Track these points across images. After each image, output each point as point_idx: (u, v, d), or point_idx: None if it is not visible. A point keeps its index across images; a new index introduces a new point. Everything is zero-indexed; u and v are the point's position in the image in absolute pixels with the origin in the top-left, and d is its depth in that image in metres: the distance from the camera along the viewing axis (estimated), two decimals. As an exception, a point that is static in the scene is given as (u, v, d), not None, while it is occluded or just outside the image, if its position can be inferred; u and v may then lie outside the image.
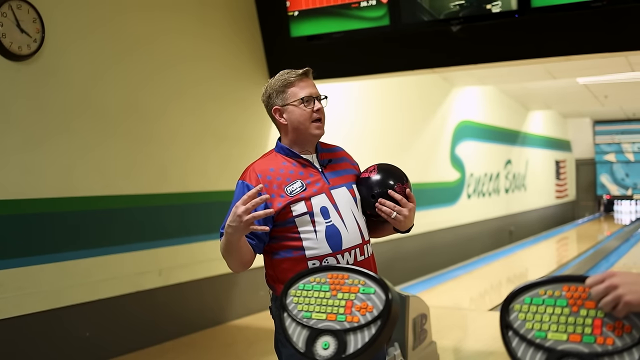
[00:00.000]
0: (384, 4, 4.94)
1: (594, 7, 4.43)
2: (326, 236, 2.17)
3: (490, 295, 7.90)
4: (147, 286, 5.00)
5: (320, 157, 2.33)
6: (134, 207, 4.92)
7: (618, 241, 12.07)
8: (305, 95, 2.25)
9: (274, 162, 2.28)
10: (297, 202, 2.18)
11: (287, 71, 2.30)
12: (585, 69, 9.08)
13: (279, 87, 2.28)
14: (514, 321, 1.37)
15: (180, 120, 5.31)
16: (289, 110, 2.27)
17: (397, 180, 2.26)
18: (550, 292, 1.36)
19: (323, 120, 2.30)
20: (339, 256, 2.18)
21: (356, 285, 1.56)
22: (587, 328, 1.31)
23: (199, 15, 5.55)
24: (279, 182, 2.22)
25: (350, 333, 1.50)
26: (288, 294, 1.62)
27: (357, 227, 2.25)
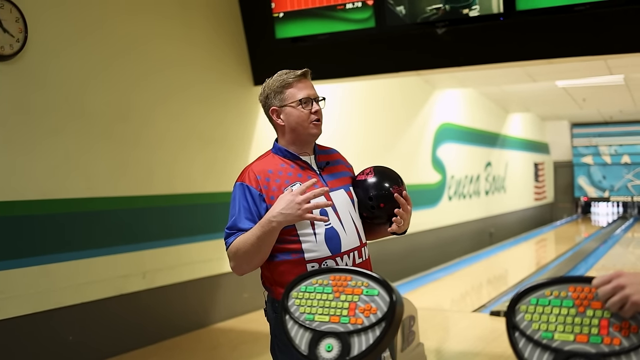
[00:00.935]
0: (369, 6, 4.95)
1: (577, 11, 4.48)
2: (325, 239, 2.16)
3: (472, 296, 7.95)
4: (132, 289, 4.96)
5: (318, 159, 2.31)
6: (119, 209, 4.87)
7: (596, 243, 12.20)
8: (303, 97, 2.23)
9: (272, 163, 2.26)
10: None
11: (285, 72, 2.28)
12: (564, 72, 9.17)
13: (276, 88, 2.26)
14: (521, 322, 1.37)
15: (165, 123, 5.27)
16: (287, 111, 2.25)
17: (393, 182, 2.26)
18: (557, 292, 1.37)
19: (321, 121, 2.28)
20: (338, 259, 2.17)
21: (359, 287, 1.55)
22: (594, 328, 1.31)
23: (182, 19, 5.52)
24: (277, 184, 2.19)
25: (354, 335, 1.50)
26: (290, 296, 1.61)
27: (355, 229, 2.24)
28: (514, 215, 14.51)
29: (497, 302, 6.81)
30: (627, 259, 10.72)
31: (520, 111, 15.12)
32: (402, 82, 8.75)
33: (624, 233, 14.14)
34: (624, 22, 4.57)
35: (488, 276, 9.48)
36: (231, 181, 6.65)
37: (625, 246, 12.29)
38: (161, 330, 5.19)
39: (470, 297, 7.91)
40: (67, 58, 4.49)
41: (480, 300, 7.46)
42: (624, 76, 9.92)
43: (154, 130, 5.18)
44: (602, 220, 17.50)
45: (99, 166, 4.70)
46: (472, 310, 6.43)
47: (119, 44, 4.90)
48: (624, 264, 9.99)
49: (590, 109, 14.57)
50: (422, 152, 9.75)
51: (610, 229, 15.00)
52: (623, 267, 9.38)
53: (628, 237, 13.60)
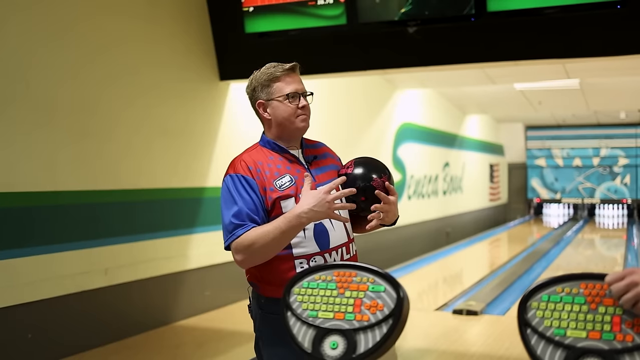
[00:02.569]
0: (341, 3, 4.93)
1: (547, 14, 4.55)
2: (314, 235, 2.13)
3: (429, 295, 8.00)
4: (92, 286, 4.84)
5: (305, 153, 2.28)
6: (81, 203, 4.74)
7: (548, 244, 12.44)
8: (290, 92, 2.20)
9: (260, 155, 2.22)
10: (286, 199, 2.12)
11: (273, 65, 2.24)
12: (524, 75, 9.31)
13: (264, 81, 2.22)
14: (532, 319, 1.36)
15: (130, 118, 5.16)
16: (274, 105, 2.21)
17: (376, 173, 2.22)
18: (568, 289, 1.36)
19: (309, 115, 2.25)
20: (327, 255, 2.14)
21: (365, 283, 1.52)
22: (606, 325, 1.31)
23: (149, 13, 5.40)
24: (267, 175, 2.15)
25: (360, 332, 1.46)
26: (292, 292, 1.56)
27: (343, 225, 2.21)
28: (469, 215, 14.71)
29: (457, 300, 6.88)
30: (577, 259, 10.97)
31: (477, 113, 15.33)
32: (364, 80, 8.76)
33: (574, 234, 14.46)
34: (592, 26, 4.65)
35: (444, 275, 9.58)
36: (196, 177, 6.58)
37: (575, 247, 12.57)
38: (123, 328, 5.08)
39: (427, 296, 7.97)
40: (39, 54, 4.35)
41: (437, 299, 7.53)
42: (580, 80, 10.13)
43: (122, 127, 5.06)
44: (553, 221, 17.87)
45: (62, 159, 4.56)
46: (435, 309, 6.48)
47: (91, 44, 4.78)
48: (578, 264, 10.21)
49: (545, 112, 14.87)
50: (383, 152, 9.78)
51: (562, 230, 15.33)
52: (576, 268, 9.59)
53: (578, 239, 13.92)
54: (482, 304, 6.32)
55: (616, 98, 12.62)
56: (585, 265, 10.11)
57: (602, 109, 14.45)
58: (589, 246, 13.43)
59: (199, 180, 5.84)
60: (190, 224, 5.72)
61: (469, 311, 5.99)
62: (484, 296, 6.95)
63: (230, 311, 6.00)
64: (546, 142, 18.41)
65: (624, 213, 17.82)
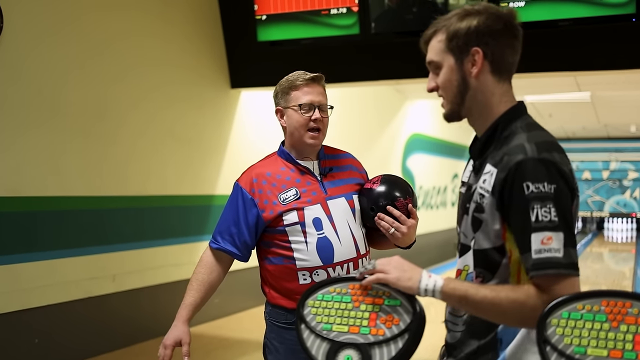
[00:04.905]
0: (354, 13, 4.92)
1: (561, 27, 4.52)
2: (317, 248, 2.12)
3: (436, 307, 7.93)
4: (100, 292, 4.83)
5: (322, 165, 2.25)
6: (90, 209, 4.74)
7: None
8: (305, 102, 2.18)
9: (273, 165, 2.22)
10: (289, 212, 2.13)
11: (298, 73, 2.24)
12: (534, 87, 9.27)
13: (284, 88, 2.22)
14: (552, 336, 1.33)
15: (141, 123, 5.16)
16: (289, 113, 2.21)
17: (400, 194, 2.19)
18: (589, 306, 1.33)
19: (323, 131, 2.22)
20: (330, 269, 2.12)
21: (380, 297, 1.49)
22: (628, 344, 1.28)
23: (161, 17, 5.42)
24: (273, 187, 2.16)
25: (376, 347, 1.44)
26: (305, 305, 1.54)
27: (353, 240, 2.18)
28: (477, 227, 14.64)
29: (466, 313, 6.83)
30: (586, 273, 10.89)
31: (487, 125, 15.27)
32: (375, 90, 8.75)
33: (583, 248, 14.37)
34: (605, 39, 4.62)
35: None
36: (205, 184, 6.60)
37: (584, 261, 12.48)
38: (130, 335, 5.07)
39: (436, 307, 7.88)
40: (43, 52, 4.36)
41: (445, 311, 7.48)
42: (591, 93, 10.09)
43: (129, 129, 5.06)
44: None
45: (71, 164, 4.56)
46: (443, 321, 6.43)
47: (97, 40, 4.78)
48: (587, 278, 10.14)
49: (555, 124, 14.80)
50: (393, 162, 9.76)
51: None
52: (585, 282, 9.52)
53: (587, 252, 13.83)
54: (490, 317, 6.26)
55: (627, 111, 12.55)
56: (594, 279, 10.03)
57: (613, 122, 14.38)
58: (597, 260, 13.34)
59: (208, 188, 5.83)
60: (199, 231, 5.71)
61: (477, 324, 5.93)
62: (493, 309, 6.89)
63: (238, 319, 5.98)
64: (556, 155, 18.32)
65: (633, 227, 17.69)
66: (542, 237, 1.37)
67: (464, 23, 1.55)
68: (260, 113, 6.48)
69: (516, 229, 1.43)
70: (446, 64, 1.59)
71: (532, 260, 1.38)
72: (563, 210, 1.40)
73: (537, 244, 1.37)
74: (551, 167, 1.42)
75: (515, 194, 1.42)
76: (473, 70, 1.55)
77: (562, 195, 1.41)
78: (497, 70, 1.57)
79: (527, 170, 1.42)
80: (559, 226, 1.37)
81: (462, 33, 1.55)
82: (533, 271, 1.38)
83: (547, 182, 1.40)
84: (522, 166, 1.42)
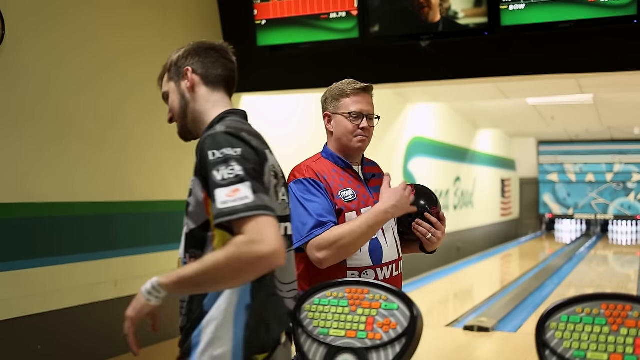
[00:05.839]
0: (353, 17, 4.92)
1: (562, 28, 4.51)
2: (369, 249, 2.19)
3: (439, 311, 7.94)
4: (102, 297, 4.81)
5: (365, 170, 2.38)
6: (91, 215, 4.73)
7: (560, 260, 12.33)
8: (355, 110, 2.28)
9: (323, 167, 2.29)
10: (350, 211, 2.20)
11: (349, 81, 2.35)
12: (536, 90, 9.27)
13: (334, 95, 2.32)
14: (551, 340, 1.32)
15: (145, 129, 5.15)
16: (337, 120, 2.30)
17: (432, 202, 2.36)
18: (589, 310, 1.32)
19: (369, 138, 2.33)
20: (378, 270, 2.21)
21: (377, 301, 1.48)
22: (629, 348, 1.27)
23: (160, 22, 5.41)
24: (333, 186, 2.22)
25: (373, 351, 1.43)
26: (302, 309, 1.53)
27: (395, 243, 2.30)
28: (480, 230, 14.61)
29: (469, 316, 6.81)
30: (590, 276, 10.85)
31: (489, 127, 15.27)
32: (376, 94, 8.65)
33: (587, 251, 14.33)
34: (607, 41, 4.62)
35: (455, 291, 9.51)
36: (209, 189, 6.46)
37: (588, 264, 12.44)
38: (133, 340, 5.05)
39: (438, 311, 7.90)
40: (50, 60, 4.35)
41: (448, 315, 7.46)
42: (593, 95, 10.08)
43: (136, 137, 5.06)
44: (565, 237, 17.73)
45: (71, 169, 4.55)
46: (445, 325, 6.41)
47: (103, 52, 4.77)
48: (592, 281, 10.10)
49: (558, 127, 14.79)
50: (395, 165, 9.75)
51: (574, 246, 15.20)
52: (589, 285, 9.49)
53: (591, 255, 13.79)
54: (493, 321, 6.25)
55: (630, 113, 12.54)
56: (599, 282, 10.01)
57: (616, 124, 14.36)
58: (602, 263, 13.30)
59: (210, 193, 5.82)
60: (200, 237, 5.69)
61: (480, 327, 5.92)
62: (496, 312, 6.87)
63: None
64: (559, 158, 18.30)
65: (637, 229, 17.64)
66: (228, 191, 1.51)
67: (176, 54, 1.98)
68: (262, 118, 6.47)
69: (211, 194, 1.56)
70: (170, 90, 1.97)
71: (217, 211, 1.51)
72: (249, 166, 1.55)
73: (222, 197, 1.50)
74: (233, 136, 1.62)
75: (204, 163, 1.62)
76: (187, 85, 1.90)
77: (247, 156, 1.58)
78: (208, 82, 1.91)
79: (212, 141, 1.62)
80: (245, 178, 1.52)
81: (175, 60, 1.97)
82: (218, 219, 1.50)
83: (231, 147, 1.58)
84: (208, 139, 1.65)
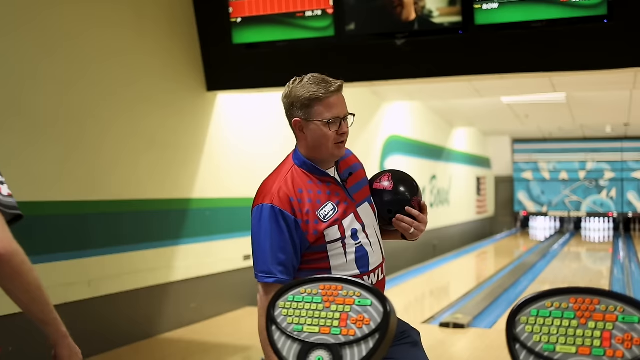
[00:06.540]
0: (329, 15, 4.93)
1: (534, 27, 4.57)
2: (355, 258, 2.08)
3: (415, 308, 7.98)
4: (76, 297, 4.77)
5: (340, 169, 2.18)
6: (63, 214, 4.68)
7: (535, 257, 12.46)
8: (332, 117, 2.06)
9: (299, 180, 2.10)
10: (330, 227, 2.05)
11: (316, 81, 2.08)
12: (511, 88, 9.35)
13: (304, 100, 2.07)
14: (521, 334, 1.34)
15: (114, 127, 5.11)
16: (312, 128, 2.08)
17: (412, 192, 2.18)
18: (557, 304, 1.34)
19: (345, 142, 2.15)
20: (365, 277, 2.09)
21: (351, 297, 1.49)
22: (596, 340, 1.29)
23: (135, 21, 5.37)
24: (310, 204, 2.06)
25: (346, 347, 1.43)
26: (276, 306, 1.53)
27: (379, 245, 2.16)
28: (456, 228, 14.71)
29: (444, 313, 6.86)
30: (564, 273, 10.99)
31: (464, 126, 15.38)
32: (352, 92, 8.67)
33: (561, 248, 14.50)
34: (578, 40, 4.67)
35: (431, 288, 9.56)
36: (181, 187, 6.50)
37: (562, 260, 12.59)
38: (108, 340, 5.02)
39: (414, 309, 7.95)
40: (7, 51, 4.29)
41: (424, 312, 7.51)
42: (566, 94, 10.19)
43: (106, 134, 5.01)
44: (540, 234, 17.91)
45: (41, 168, 4.50)
46: (421, 322, 6.45)
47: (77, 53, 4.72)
48: (565, 277, 10.23)
49: (532, 125, 14.94)
50: (371, 164, 9.78)
51: (548, 243, 15.36)
52: (563, 282, 9.61)
53: (565, 252, 13.95)
54: (469, 317, 6.30)
55: (602, 112, 12.70)
56: (572, 278, 10.13)
57: (588, 122, 14.55)
58: (575, 259, 13.47)
59: (185, 192, 5.80)
60: (176, 236, 5.67)
61: (455, 324, 5.97)
62: (471, 309, 6.93)
63: (216, 323, 5.94)
64: (533, 156, 18.49)
65: (610, 226, 17.90)
66: None
67: None
68: (237, 116, 6.46)
69: None
70: None
71: None
72: None
73: None
74: None
75: None
76: None
77: None
78: None
79: None
80: None
81: None
82: None
83: None
84: None
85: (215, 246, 6.06)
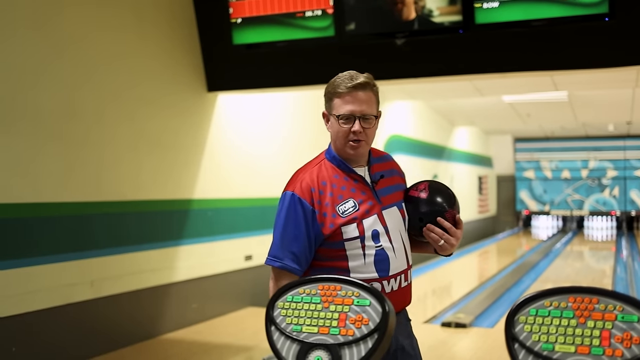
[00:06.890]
0: (329, 15, 4.93)
1: (535, 26, 4.56)
2: (375, 261, 2.04)
3: (417, 308, 7.97)
4: (79, 298, 4.78)
5: (373, 171, 2.15)
6: (66, 215, 4.69)
7: (537, 256, 12.45)
8: (344, 113, 2.05)
9: (325, 173, 2.10)
10: (348, 224, 2.02)
11: (345, 76, 2.09)
12: (512, 87, 9.34)
13: (328, 93, 2.11)
14: (520, 333, 1.34)
15: (117, 128, 5.11)
16: (331, 121, 2.12)
17: (448, 205, 2.12)
18: (556, 303, 1.34)
19: (366, 141, 2.10)
20: (385, 282, 2.05)
21: (350, 297, 1.49)
22: (595, 340, 1.29)
23: (136, 21, 5.37)
24: (331, 198, 2.04)
25: (345, 347, 1.43)
26: (275, 307, 1.53)
27: (404, 251, 2.12)
28: (458, 227, 14.68)
29: (446, 313, 6.85)
30: (566, 272, 10.97)
31: (466, 125, 15.36)
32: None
33: (563, 246, 14.48)
34: (579, 39, 4.67)
35: (433, 287, 9.55)
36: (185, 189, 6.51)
37: (564, 259, 12.58)
38: (110, 340, 5.02)
39: (416, 308, 7.92)
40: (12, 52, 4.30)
41: (426, 311, 7.50)
42: (568, 93, 10.18)
43: (104, 134, 5.02)
44: (542, 233, 17.89)
45: (45, 169, 4.51)
46: (423, 322, 6.44)
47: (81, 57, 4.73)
48: (568, 276, 10.21)
49: (533, 124, 14.92)
50: (372, 163, 9.77)
51: (550, 242, 15.34)
52: (565, 281, 9.59)
53: (567, 251, 13.93)
54: (471, 317, 6.29)
55: (604, 110, 12.68)
56: (574, 277, 10.11)
57: (591, 121, 14.53)
58: (577, 258, 13.44)
59: (187, 192, 5.80)
60: (178, 236, 5.68)
61: (457, 324, 5.97)
62: (473, 309, 6.92)
63: (218, 323, 5.95)
64: (535, 154, 18.48)
65: (612, 225, 17.88)
66: None
67: None
68: (238, 116, 6.46)
69: None
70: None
71: None
72: None
73: None
74: None
75: None
76: None
77: None
78: None
79: None
80: None
81: None
82: None
83: None
84: None
85: (217, 246, 6.07)
